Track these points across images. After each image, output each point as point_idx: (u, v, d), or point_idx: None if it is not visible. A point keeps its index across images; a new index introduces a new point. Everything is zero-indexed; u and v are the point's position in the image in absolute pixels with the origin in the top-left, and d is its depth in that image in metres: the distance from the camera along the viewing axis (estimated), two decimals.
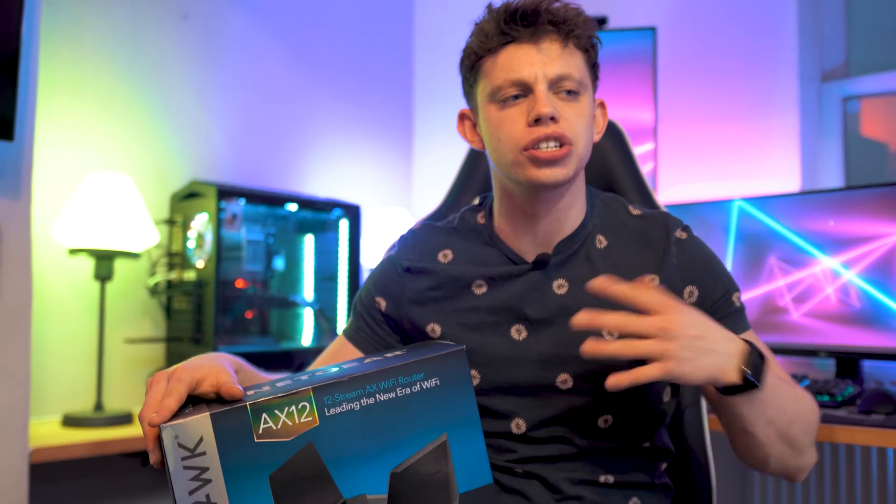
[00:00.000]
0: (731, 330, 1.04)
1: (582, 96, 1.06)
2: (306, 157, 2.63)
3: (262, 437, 0.88)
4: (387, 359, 1.00)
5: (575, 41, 1.06)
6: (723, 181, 2.49)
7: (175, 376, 0.90)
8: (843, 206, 1.98)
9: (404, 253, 1.20)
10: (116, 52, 2.16)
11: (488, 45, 1.07)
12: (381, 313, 1.19)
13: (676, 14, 2.63)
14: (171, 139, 2.27)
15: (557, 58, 1.04)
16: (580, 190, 1.13)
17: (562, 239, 1.12)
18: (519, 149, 1.04)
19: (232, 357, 1.04)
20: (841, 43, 2.55)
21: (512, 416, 1.09)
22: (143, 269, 2.16)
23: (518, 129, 1.04)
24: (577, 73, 1.05)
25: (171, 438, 0.85)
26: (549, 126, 1.02)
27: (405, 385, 0.94)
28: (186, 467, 0.86)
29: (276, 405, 0.89)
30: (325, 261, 2.46)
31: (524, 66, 1.04)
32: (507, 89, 1.05)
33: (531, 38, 1.05)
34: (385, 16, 2.93)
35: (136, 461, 2.09)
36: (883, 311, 1.91)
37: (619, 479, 1.09)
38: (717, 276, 1.12)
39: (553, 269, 1.11)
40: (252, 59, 2.49)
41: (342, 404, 0.92)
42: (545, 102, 1.02)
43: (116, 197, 1.93)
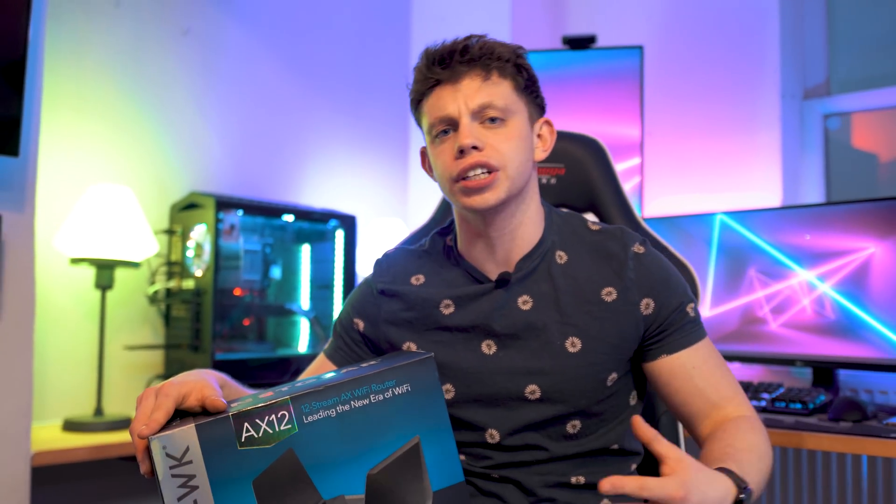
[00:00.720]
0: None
1: (508, 121, 1.13)
2: (304, 168, 2.70)
3: (244, 445, 0.94)
4: (361, 368, 1.06)
5: (498, 71, 1.13)
6: (707, 194, 2.56)
7: (163, 392, 0.96)
8: (820, 222, 2.05)
9: (379, 276, 1.27)
10: (118, 66, 2.24)
11: (420, 89, 1.16)
12: (359, 334, 1.26)
13: (662, 33, 2.70)
14: (171, 151, 2.34)
15: (477, 90, 1.12)
16: (531, 208, 1.19)
17: (521, 257, 1.18)
18: (451, 180, 1.13)
19: (217, 373, 1.10)
20: (822, 62, 2.62)
21: (486, 427, 1.16)
22: (142, 277, 2.23)
23: (448, 161, 1.13)
24: (501, 101, 1.12)
25: (159, 449, 0.90)
26: (473, 155, 1.10)
27: (378, 392, 1.00)
28: (174, 475, 0.91)
29: (257, 414, 0.95)
30: (321, 270, 2.53)
31: (448, 103, 1.12)
32: (437, 126, 1.14)
33: (451, 78, 1.13)
34: (382, 29, 3.00)
35: (134, 465, 2.15)
36: (856, 323, 1.97)
37: (590, 479, 1.16)
38: (672, 289, 1.17)
39: (516, 286, 1.18)
40: (251, 72, 2.56)
41: (319, 412, 0.98)
42: (466, 134, 1.10)
43: (117, 208, 2.00)
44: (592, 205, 1.57)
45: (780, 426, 1.71)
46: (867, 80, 2.59)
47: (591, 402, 1.15)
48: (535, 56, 2.53)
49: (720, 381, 1.15)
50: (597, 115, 2.45)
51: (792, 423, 1.74)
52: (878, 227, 1.94)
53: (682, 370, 1.15)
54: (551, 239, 1.20)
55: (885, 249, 1.93)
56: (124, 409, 2.16)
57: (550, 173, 1.59)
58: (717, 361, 1.17)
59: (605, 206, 1.59)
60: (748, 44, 2.56)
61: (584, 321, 1.15)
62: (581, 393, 1.14)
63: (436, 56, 1.14)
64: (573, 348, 1.14)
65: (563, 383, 1.14)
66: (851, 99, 2.56)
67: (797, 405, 1.84)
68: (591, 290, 1.16)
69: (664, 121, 2.65)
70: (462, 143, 1.10)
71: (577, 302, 1.16)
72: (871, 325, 1.95)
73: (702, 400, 1.14)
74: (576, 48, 2.48)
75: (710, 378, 1.15)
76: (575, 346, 1.14)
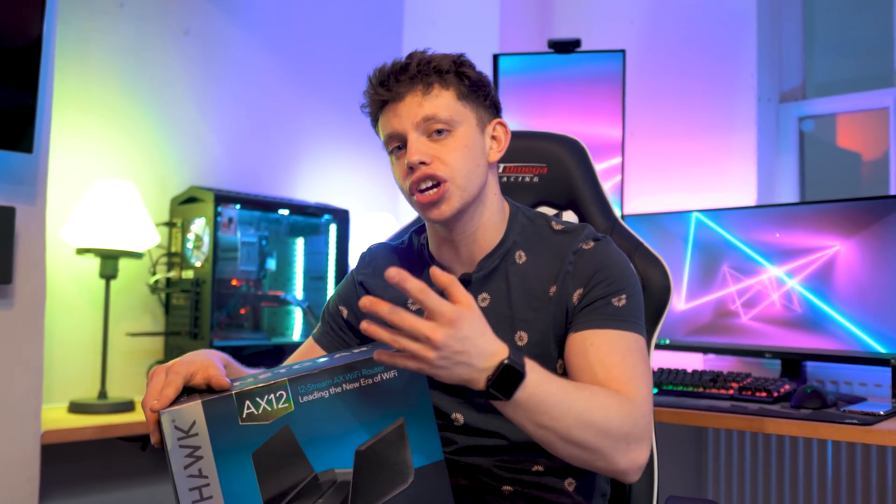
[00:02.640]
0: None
1: (455, 131, 1.19)
2: (298, 164, 2.80)
3: (245, 420, 1.03)
4: (353, 354, 1.16)
5: (438, 84, 1.19)
6: (685, 194, 2.66)
7: (172, 370, 1.06)
8: (789, 221, 2.15)
9: (361, 269, 1.37)
10: (121, 66, 2.33)
11: (371, 110, 1.25)
12: (343, 320, 1.36)
13: (644, 38, 2.81)
14: (172, 148, 2.44)
15: (419, 105, 1.18)
16: (493, 211, 1.25)
17: (482, 257, 1.26)
18: (407, 194, 1.21)
19: (221, 354, 1.19)
20: (798, 66, 2.73)
21: (451, 412, 1.25)
22: (144, 268, 2.33)
23: (402, 177, 1.21)
24: (444, 112, 1.18)
25: (169, 422, 1.00)
26: (421, 170, 1.17)
27: (367, 376, 1.09)
28: (182, 446, 1.00)
29: (258, 393, 1.04)
30: (314, 262, 2.63)
31: (394, 121, 1.20)
32: (389, 143, 1.22)
33: (395, 96, 1.20)
34: (375, 31, 3.09)
35: (136, 445, 2.26)
36: (822, 317, 2.08)
37: (551, 465, 1.23)
38: (605, 279, 1.19)
39: (478, 284, 1.26)
40: (249, 72, 2.65)
41: (314, 392, 1.07)
42: (413, 151, 1.17)
43: (121, 202, 2.10)
44: (573, 203, 1.62)
45: (744, 412, 1.82)
46: (841, 85, 2.70)
47: None
48: (522, 59, 2.63)
49: (616, 365, 1.13)
50: (580, 116, 2.55)
51: (756, 409, 1.85)
52: (843, 227, 2.05)
53: (580, 347, 1.16)
54: (512, 239, 1.27)
55: (850, 248, 2.04)
56: (126, 393, 2.26)
57: (533, 172, 1.64)
58: (624, 352, 1.15)
59: (585, 204, 1.65)
60: (726, 49, 2.66)
61: (530, 316, 1.22)
62: None
63: (379, 79, 1.22)
64: (521, 342, 1.22)
65: None
66: (826, 102, 2.66)
67: (762, 394, 1.95)
68: (540, 287, 1.22)
69: (644, 122, 2.75)
70: (409, 160, 1.17)
71: (526, 298, 1.23)
72: (835, 319, 2.06)
73: (589, 376, 1.13)
74: (561, 52, 2.58)
75: (605, 360, 1.14)
76: (522, 339, 1.22)
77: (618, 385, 1.11)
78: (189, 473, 1.01)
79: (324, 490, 1.07)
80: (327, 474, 1.07)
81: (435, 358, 0.96)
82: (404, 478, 1.11)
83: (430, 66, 1.20)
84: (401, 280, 0.96)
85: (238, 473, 1.03)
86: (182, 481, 1.02)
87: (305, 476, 1.06)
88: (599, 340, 1.16)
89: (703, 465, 2.57)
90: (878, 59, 2.60)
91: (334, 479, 1.08)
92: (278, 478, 1.04)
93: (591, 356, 1.15)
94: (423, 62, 1.20)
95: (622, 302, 1.18)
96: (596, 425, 1.04)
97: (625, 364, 1.14)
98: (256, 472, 1.03)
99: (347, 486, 1.08)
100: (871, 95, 2.57)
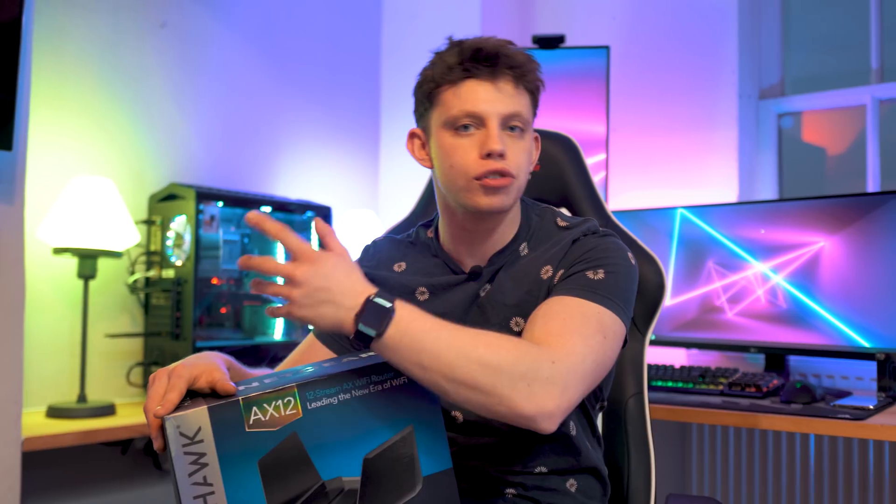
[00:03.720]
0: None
1: (526, 133, 1.21)
2: (278, 160, 2.75)
3: (252, 427, 1.01)
4: (361, 359, 1.14)
5: (525, 84, 1.19)
6: (668, 189, 2.67)
7: (175, 373, 1.02)
8: (773, 217, 2.17)
9: (365, 261, 1.35)
10: (97, 59, 2.27)
11: (449, 76, 1.18)
12: None
13: (628, 35, 2.81)
14: (150, 144, 2.38)
15: (510, 97, 1.17)
16: (515, 211, 1.27)
17: (495, 252, 1.26)
18: (470, 177, 1.17)
19: (223, 356, 1.16)
20: (777, 64, 2.75)
21: (451, 408, 1.23)
22: (121, 267, 2.27)
23: (471, 159, 1.17)
24: (526, 113, 1.19)
25: (173, 428, 0.96)
26: (499, 162, 1.16)
27: (377, 382, 1.08)
28: (186, 453, 0.97)
29: (265, 399, 1.01)
30: None
31: (481, 101, 1.16)
32: (462, 119, 1.17)
33: (490, 77, 1.17)
34: (354, 25, 3.05)
35: (115, 449, 2.21)
36: (806, 312, 2.11)
37: (552, 467, 1.23)
38: (585, 258, 1.18)
39: (485, 277, 1.26)
40: (227, 65, 2.60)
41: (322, 399, 1.04)
42: (497, 140, 1.15)
43: (99, 199, 2.04)
44: (565, 199, 1.64)
45: (736, 408, 1.83)
46: (818, 81, 2.72)
47: None
48: None
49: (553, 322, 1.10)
50: (564, 111, 2.54)
51: (747, 405, 1.86)
52: (828, 223, 2.07)
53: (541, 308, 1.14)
54: (523, 237, 1.28)
55: (834, 244, 2.06)
56: (106, 396, 2.21)
57: None
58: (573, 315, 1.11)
59: (577, 200, 1.67)
60: (708, 46, 2.68)
61: (524, 300, 1.21)
62: None
63: (480, 50, 1.17)
64: (517, 328, 1.21)
65: None
66: (804, 99, 2.69)
67: (752, 389, 1.97)
68: (535, 272, 1.23)
69: (628, 118, 2.76)
70: (494, 148, 1.14)
71: (521, 285, 1.23)
72: (820, 314, 2.08)
73: (528, 332, 1.11)
74: (545, 47, 2.57)
75: (547, 317, 1.11)
76: (518, 325, 1.21)
77: (543, 338, 1.06)
78: (194, 481, 0.98)
79: (331, 498, 1.05)
80: (335, 482, 1.05)
81: (298, 295, 0.98)
82: (413, 486, 1.09)
83: (526, 64, 1.19)
84: (259, 221, 0.99)
85: (244, 481, 1.00)
86: (186, 489, 0.99)
87: (313, 484, 1.03)
88: (555, 305, 1.12)
89: (688, 461, 2.58)
90: (856, 57, 2.64)
91: (342, 488, 1.06)
92: (285, 486, 1.02)
93: (538, 313, 1.12)
94: (524, 58, 1.19)
95: (598, 275, 1.15)
96: (482, 361, 1.00)
97: (565, 324, 1.09)
98: (263, 480, 1.01)
99: (355, 495, 1.05)
100: (849, 93, 2.60)
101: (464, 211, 1.22)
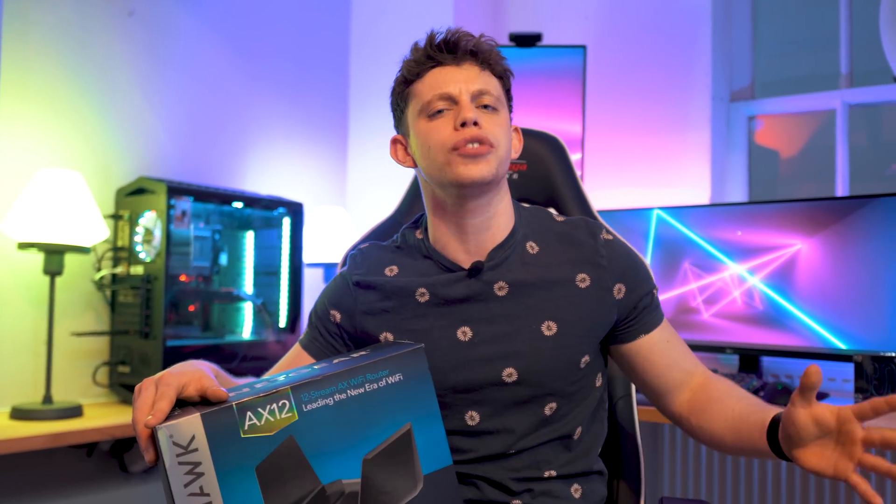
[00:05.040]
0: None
1: (500, 112, 1.21)
2: (246, 154, 2.69)
3: (247, 433, 0.97)
4: (353, 359, 1.11)
5: (490, 68, 1.22)
6: (641, 188, 2.68)
7: (163, 382, 0.98)
8: (749, 219, 2.19)
9: (354, 269, 1.31)
10: (63, 48, 2.19)
11: (417, 69, 1.21)
12: (336, 325, 1.29)
13: (605, 34, 2.81)
14: (117, 135, 2.30)
15: (477, 77, 1.20)
16: (504, 201, 1.25)
17: (493, 247, 1.23)
18: (447, 149, 1.16)
19: (209, 363, 1.13)
20: (748, 67, 2.78)
21: (465, 411, 1.21)
22: (87, 263, 2.20)
23: (446, 133, 1.17)
24: (495, 91, 1.21)
25: (166, 438, 0.93)
26: (473, 129, 1.16)
27: (372, 381, 1.05)
28: (181, 463, 0.94)
29: (259, 404, 0.98)
30: (265, 256, 2.53)
31: (449, 82, 1.19)
32: (435, 103, 1.19)
33: (454, 61, 1.20)
34: (323, 18, 3.00)
35: (81, 451, 2.13)
36: (782, 313, 2.13)
37: (561, 471, 1.22)
38: (642, 275, 1.27)
39: (490, 273, 1.22)
40: (196, 56, 2.53)
41: (318, 400, 1.02)
42: (469, 108, 1.16)
43: (67, 193, 1.97)
44: (552, 199, 1.63)
45: None
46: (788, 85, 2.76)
47: (566, 383, 1.20)
48: None
49: (687, 351, 1.28)
50: (540, 110, 2.54)
51: None
52: (805, 226, 2.10)
53: (659, 345, 1.25)
54: (522, 231, 1.26)
55: (812, 246, 2.09)
56: (71, 396, 2.13)
57: (513, 169, 1.64)
58: (676, 334, 1.29)
59: (564, 200, 1.67)
60: (682, 47, 2.69)
61: (559, 305, 1.20)
62: (557, 374, 1.19)
63: (441, 41, 1.21)
64: (549, 332, 1.20)
65: (540, 364, 1.19)
66: (774, 103, 2.72)
67: None
68: (565, 276, 1.22)
69: (604, 118, 2.76)
70: (466, 116, 1.15)
71: (552, 287, 1.21)
72: (796, 315, 2.10)
73: (678, 370, 1.25)
74: (522, 45, 2.55)
75: (682, 348, 1.27)
76: (551, 329, 1.20)
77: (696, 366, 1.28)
78: (190, 492, 0.95)
79: (332, 502, 1.02)
80: (334, 485, 1.02)
81: None
82: (413, 485, 1.07)
83: (490, 51, 1.22)
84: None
85: (242, 489, 0.97)
86: (182, 500, 0.95)
87: (312, 489, 1.01)
88: (666, 335, 1.27)
89: (660, 463, 2.59)
90: (825, 61, 2.68)
91: (342, 491, 1.03)
92: (284, 491, 0.99)
93: (674, 352, 1.27)
94: (486, 45, 1.23)
95: (656, 295, 1.29)
96: None
97: (685, 345, 1.29)
98: (261, 487, 0.98)
99: (356, 497, 1.03)
100: (819, 97, 2.64)
101: (451, 197, 1.20)
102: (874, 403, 0.96)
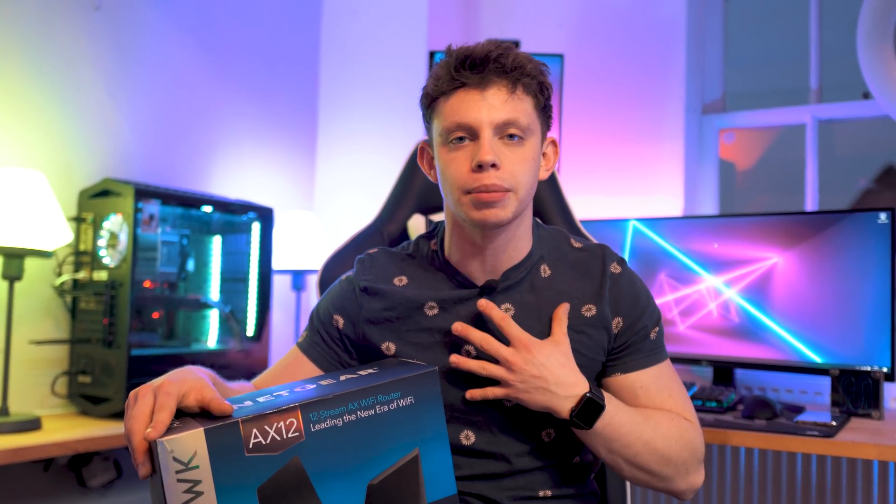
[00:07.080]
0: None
1: (527, 141, 1.12)
2: (214, 157, 2.61)
3: (252, 451, 0.92)
4: (362, 377, 1.06)
5: (523, 87, 1.11)
6: (615, 197, 2.68)
7: (163, 390, 0.92)
8: (727, 231, 2.19)
9: (362, 274, 1.26)
10: (24, 42, 2.08)
11: (440, 88, 1.13)
12: (337, 331, 1.25)
13: (582, 44, 2.80)
14: (81, 134, 2.20)
15: (503, 104, 1.10)
16: (525, 224, 1.20)
17: (509, 267, 1.20)
18: (462, 191, 1.11)
19: (206, 370, 1.07)
20: (719, 79, 2.80)
21: (461, 429, 1.18)
22: (47, 268, 2.09)
23: (463, 172, 1.10)
24: (524, 119, 1.11)
25: (166, 453, 0.87)
26: (490, 174, 1.09)
27: (384, 403, 1.01)
28: (180, 480, 0.88)
29: (266, 421, 0.93)
30: (232, 262, 2.45)
31: (471, 111, 1.10)
32: (454, 132, 1.11)
33: (479, 85, 1.10)
34: (293, 19, 2.93)
35: (38, 466, 2.03)
36: (757, 326, 2.13)
37: (556, 492, 1.20)
38: (641, 310, 1.20)
39: (500, 294, 1.19)
40: (164, 54, 2.44)
41: (327, 420, 0.97)
42: (487, 150, 1.08)
43: (28, 194, 1.87)
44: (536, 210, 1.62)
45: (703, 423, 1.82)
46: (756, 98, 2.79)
47: None
48: None
49: (667, 401, 1.19)
50: None
51: (712, 420, 1.86)
52: (782, 239, 2.11)
53: (630, 390, 1.19)
54: (539, 253, 1.22)
55: (788, 259, 2.10)
56: (28, 408, 2.03)
57: None
58: (667, 383, 1.20)
59: (548, 211, 1.66)
60: (657, 59, 2.70)
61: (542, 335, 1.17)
62: None
63: (467, 58, 1.11)
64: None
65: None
66: (745, 116, 2.75)
67: (713, 403, 1.97)
68: (573, 304, 1.19)
69: (579, 127, 2.75)
70: (483, 159, 1.08)
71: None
72: (772, 328, 2.11)
73: (661, 405, 1.19)
74: None
75: (655, 399, 1.19)
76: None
77: (683, 413, 1.21)
78: None
79: None
80: None
81: (514, 380, 1.11)
82: None
83: (524, 67, 1.12)
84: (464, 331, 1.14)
85: None
86: None
87: None
88: (648, 382, 1.20)
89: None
90: (795, 76, 2.71)
91: None
92: None
93: (643, 399, 1.20)
94: (518, 60, 1.12)
95: (655, 333, 1.22)
96: (661, 453, 1.15)
97: (673, 397, 1.21)
98: None
99: None
100: (790, 111, 2.67)
101: (469, 226, 1.16)
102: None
